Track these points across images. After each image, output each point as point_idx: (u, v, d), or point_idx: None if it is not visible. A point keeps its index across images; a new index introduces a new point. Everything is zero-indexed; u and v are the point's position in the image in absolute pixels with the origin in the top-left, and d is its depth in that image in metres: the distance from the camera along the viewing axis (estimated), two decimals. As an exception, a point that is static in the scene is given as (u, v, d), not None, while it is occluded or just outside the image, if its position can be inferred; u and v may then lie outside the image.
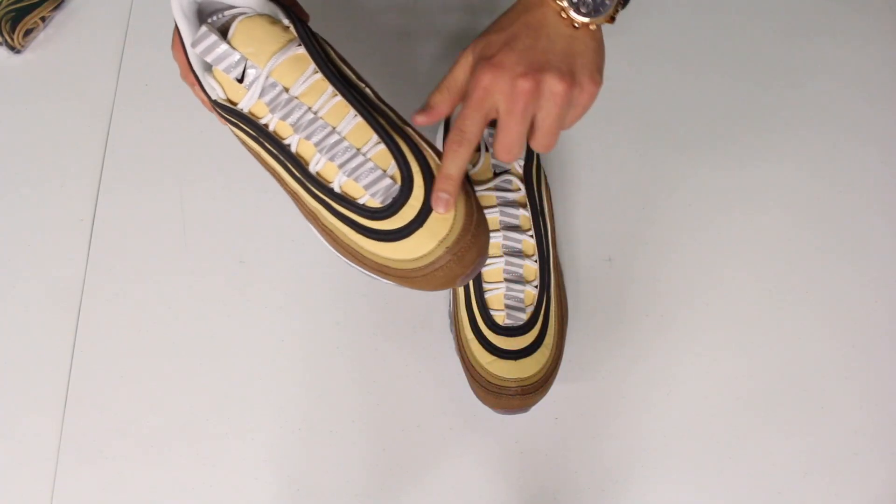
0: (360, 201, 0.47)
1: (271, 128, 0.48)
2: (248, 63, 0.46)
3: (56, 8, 0.72)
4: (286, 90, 0.47)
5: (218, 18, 0.50)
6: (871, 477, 0.58)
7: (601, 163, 0.67)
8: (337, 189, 0.47)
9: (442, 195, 0.46)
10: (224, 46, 0.46)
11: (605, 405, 0.60)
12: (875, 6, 0.74)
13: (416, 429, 0.59)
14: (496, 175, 0.58)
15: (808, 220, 0.66)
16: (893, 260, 0.65)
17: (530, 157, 0.60)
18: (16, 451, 0.59)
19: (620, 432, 0.59)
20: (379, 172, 0.46)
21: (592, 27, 0.46)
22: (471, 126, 0.45)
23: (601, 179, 0.67)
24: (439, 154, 0.49)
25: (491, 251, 0.57)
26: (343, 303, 0.63)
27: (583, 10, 0.46)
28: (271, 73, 0.47)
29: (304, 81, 0.47)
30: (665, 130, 0.69)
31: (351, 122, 0.47)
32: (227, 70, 0.47)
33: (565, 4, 0.45)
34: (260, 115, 0.48)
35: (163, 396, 0.60)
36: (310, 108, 0.47)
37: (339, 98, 0.47)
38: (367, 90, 0.49)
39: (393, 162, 0.47)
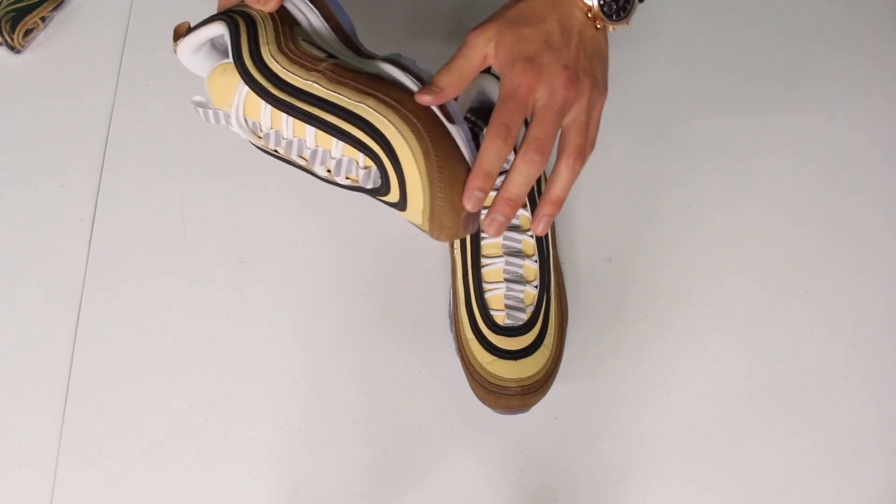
0: (361, 185, 0.49)
1: (281, 153, 0.51)
2: (227, 114, 0.51)
3: (56, 8, 0.72)
4: (260, 126, 0.50)
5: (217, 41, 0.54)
6: (871, 477, 0.58)
7: (601, 163, 0.67)
8: (345, 183, 0.49)
9: (476, 193, 0.45)
10: (211, 112, 0.51)
11: (605, 405, 0.60)
12: (875, 6, 0.74)
13: (416, 429, 0.59)
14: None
15: (809, 220, 0.66)
16: (893, 260, 0.65)
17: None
18: (16, 451, 0.59)
19: (620, 432, 0.59)
20: (355, 164, 0.47)
21: (611, 29, 0.47)
22: (516, 122, 0.44)
23: (601, 179, 0.67)
24: (401, 99, 0.47)
25: (491, 251, 0.57)
26: (343, 303, 0.63)
27: (606, 11, 0.46)
28: (246, 116, 0.50)
29: (264, 113, 0.49)
30: (665, 130, 0.69)
31: (311, 134, 0.48)
32: (228, 124, 0.51)
33: (594, 4, 0.46)
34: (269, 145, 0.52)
35: (163, 396, 0.60)
36: (281, 134, 0.49)
37: (292, 118, 0.48)
38: (323, 78, 0.48)
39: (360, 153, 0.47)
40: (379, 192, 0.48)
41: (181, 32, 0.51)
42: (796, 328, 0.63)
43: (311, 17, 0.52)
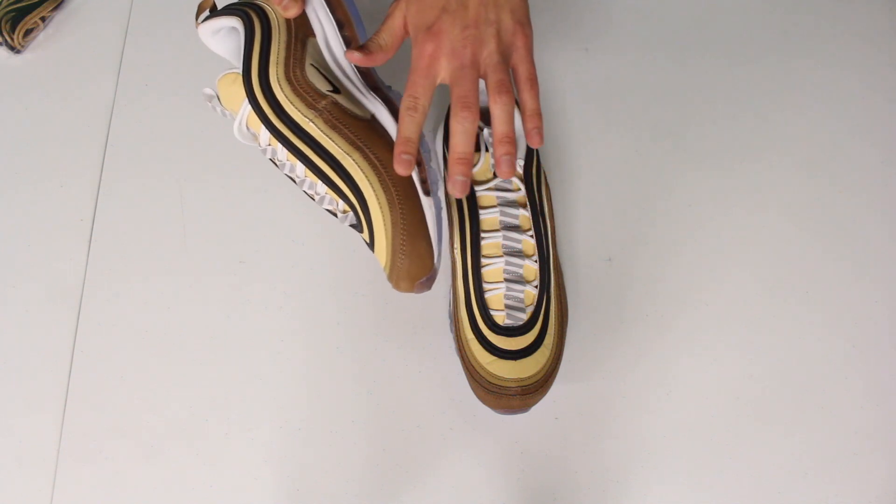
0: (339, 221, 0.52)
1: (277, 163, 0.53)
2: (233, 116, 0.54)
3: (56, 8, 0.72)
4: (259, 139, 0.52)
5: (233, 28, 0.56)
6: (871, 477, 0.58)
7: (601, 163, 0.67)
8: (326, 209, 0.53)
9: (404, 157, 0.48)
10: (219, 107, 0.54)
11: (605, 405, 0.60)
12: (876, 5, 0.74)
13: (416, 429, 0.59)
14: (496, 175, 0.58)
15: (808, 220, 0.66)
16: (893, 260, 0.65)
17: (530, 157, 0.60)
18: (16, 451, 0.59)
19: (620, 432, 0.59)
20: (336, 204, 0.51)
21: None
22: (422, 92, 0.48)
23: (601, 179, 0.67)
24: (385, 160, 0.50)
25: (491, 251, 0.57)
26: (343, 303, 0.63)
27: None
28: (248, 125, 0.52)
29: (264, 131, 0.51)
30: (665, 130, 0.69)
31: (300, 166, 0.51)
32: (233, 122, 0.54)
33: None
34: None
35: (163, 396, 0.60)
36: (276, 153, 0.52)
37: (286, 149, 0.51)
38: (320, 119, 0.50)
39: (339, 199, 0.51)
40: (355, 228, 0.52)
41: (204, 8, 0.54)
42: (796, 328, 0.63)
43: (326, 29, 0.53)
